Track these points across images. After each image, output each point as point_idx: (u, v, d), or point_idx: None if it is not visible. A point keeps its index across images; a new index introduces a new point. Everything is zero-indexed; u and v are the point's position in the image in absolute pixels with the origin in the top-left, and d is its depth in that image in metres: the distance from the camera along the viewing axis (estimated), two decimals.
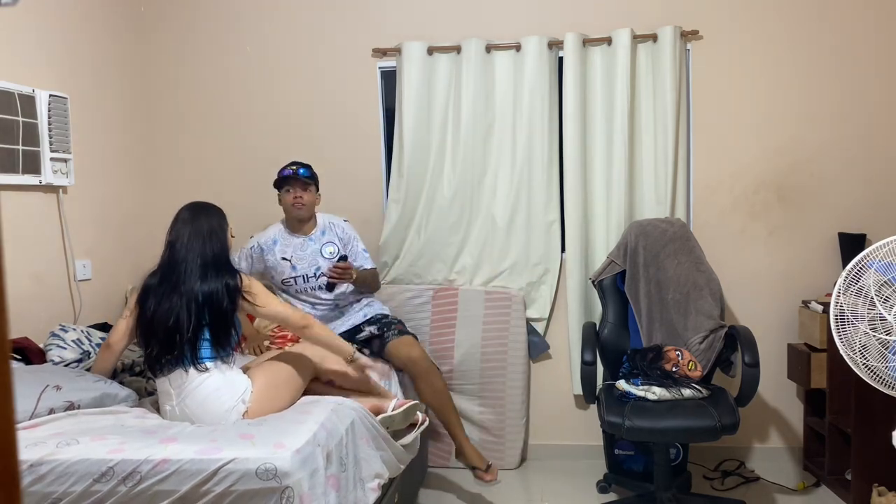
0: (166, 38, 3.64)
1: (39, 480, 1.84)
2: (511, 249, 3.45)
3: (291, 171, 3.00)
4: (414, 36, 3.44)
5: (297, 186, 2.99)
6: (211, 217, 2.41)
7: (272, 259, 3.05)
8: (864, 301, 2.20)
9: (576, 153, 3.36)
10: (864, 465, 2.82)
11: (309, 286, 3.04)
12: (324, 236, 3.08)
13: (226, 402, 2.20)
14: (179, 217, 2.40)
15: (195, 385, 2.22)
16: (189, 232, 2.35)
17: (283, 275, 3.04)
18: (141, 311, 2.33)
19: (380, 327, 3.04)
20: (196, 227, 2.36)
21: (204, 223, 2.37)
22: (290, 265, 3.03)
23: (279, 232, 3.09)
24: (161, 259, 2.37)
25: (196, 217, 2.39)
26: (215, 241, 2.37)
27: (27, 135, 2.71)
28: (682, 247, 3.12)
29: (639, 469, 3.20)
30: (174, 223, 2.40)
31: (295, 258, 3.03)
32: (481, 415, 3.42)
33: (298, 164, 3.05)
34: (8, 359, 0.61)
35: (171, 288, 2.28)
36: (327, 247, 3.05)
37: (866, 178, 3.34)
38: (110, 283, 3.31)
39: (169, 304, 2.26)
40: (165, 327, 2.25)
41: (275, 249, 3.05)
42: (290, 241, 3.06)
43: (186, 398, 2.23)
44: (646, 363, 2.83)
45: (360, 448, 2.26)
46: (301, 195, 2.99)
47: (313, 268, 3.03)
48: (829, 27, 3.32)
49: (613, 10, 3.39)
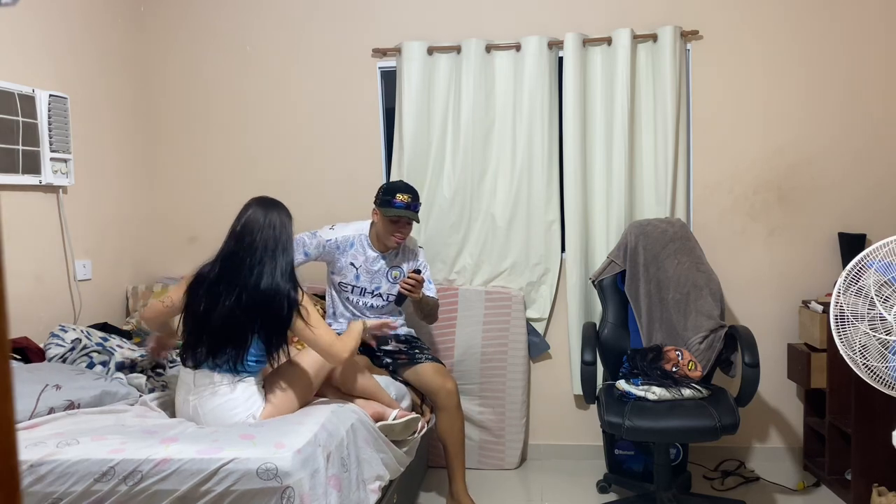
0: (166, 38, 3.64)
1: (39, 480, 1.84)
2: (511, 249, 3.45)
3: (404, 203, 2.83)
4: (414, 36, 3.44)
5: (404, 224, 2.89)
6: (283, 215, 2.32)
7: (342, 260, 2.96)
8: (864, 301, 2.20)
9: (576, 153, 3.36)
10: (864, 465, 2.82)
11: (362, 300, 2.98)
12: (396, 258, 3.00)
13: (237, 416, 2.20)
14: (250, 209, 2.30)
15: (214, 390, 2.21)
16: (260, 227, 2.25)
17: (345, 278, 2.97)
18: (191, 302, 2.25)
19: (409, 347, 3.00)
20: (268, 221, 2.26)
21: (276, 221, 2.28)
22: (355, 274, 2.96)
23: (360, 237, 2.97)
24: (222, 250, 2.28)
25: (268, 213, 2.29)
26: (286, 241, 2.28)
27: (27, 135, 2.71)
28: (682, 247, 3.12)
29: (639, 469, 3.20)
30: (243, 214, 2.30)
31: (362, 269, 2.96)
32: (481, 415, 3.42)
33: (410, 193, 2.88)
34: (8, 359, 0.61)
35: (229, 283, 2.20)
36: (394, 270, 2.98)
37: (866, 178, 3.34)
38: (110, 283, 3.31)
39: (225, 301, 2.18)
40: (219, 325, 2.18)
41: (348, 252, 2.96)
42: (365, 251, 2.96)
43: (201, 398, 2.22)
44: (646, 363, 2.83)
45: (362, 449, 2.26)
46: (404, 233, 2.90)
47: (374, 285, 2.97)
48: (829, 27, 3.32)
49: (613, 10, 3.39)
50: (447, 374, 2.95)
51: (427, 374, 2.90)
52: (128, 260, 3.45)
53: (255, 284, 2.20)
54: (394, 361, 2.97)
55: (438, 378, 2.89)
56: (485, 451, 3.44)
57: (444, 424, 2.89)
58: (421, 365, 2.93)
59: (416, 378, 2.92)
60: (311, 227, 3.03)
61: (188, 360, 2.24)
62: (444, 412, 2.88)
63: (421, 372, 2.91)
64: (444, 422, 2.88)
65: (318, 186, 3.54)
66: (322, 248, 2.95)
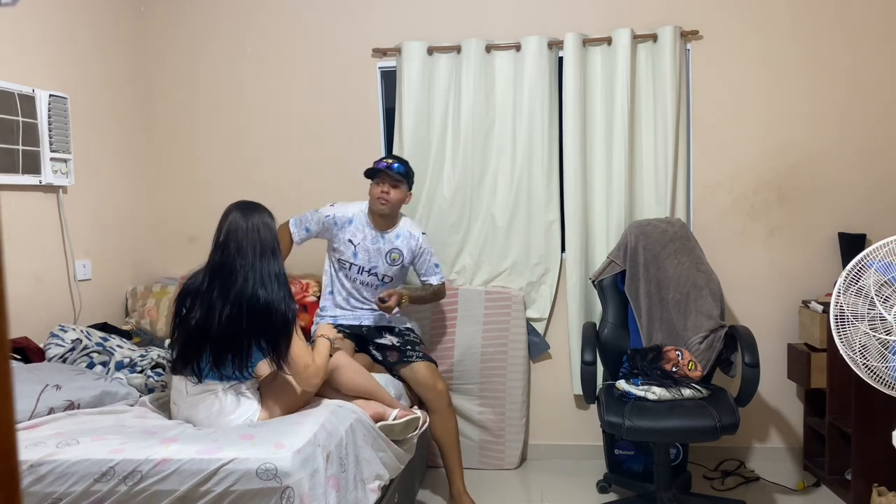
0: (166, 39, 3.64)
1: (39, 480, 1.83)
2: (511, 249, 3.45)
3: (386, 164, 2.91)
4: (414, 36, 3.44)
5: (387, 181, 2.90)
6: (264, 216, 2.28)
7: (340, 236, 2.98)
8: (864, 301, 2.20)
9: (576, 153, 3.36)
10: (864, 465, 2.82)
11: (361, 278, 3.00)
12: (396, 240, 3.00)
13: (233, 421, 2.19)
14: (230, 216, 2.26)
15: (209, 399, 2.20)
16: (244, 231, 2.21)
17: (343, 255, 2.99)
18: (179, 314, 2.21)
19: (402, 343, 2.99)
20: (251, 225, 2.23)
21: (259, 223, 2.24)
22: (354, 251, 2.97)
23: (359, 214, 2.99)
24: (209, 261, 2.24)
25: (249, 217, 2.25)
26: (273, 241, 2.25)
27: (27, 135, 2.71)
28: (682, 247, 3.12)
29: (639, 469, 3.20)
30: (224, 222, 2.25)
31: (361, 247, 2.97)
32: (481, 415, 3.42)
33: (395, 158, 2.96)
34: (8, 359, 0.61)
35: (222, 293, 2.16)
36: (393, 252, 2.99)
37: (866, 178, 3.34)
38: (110, 283, 3.31)
39: (222, 312, 2.14)
40: (219, 336, 2.14)
41: (347, 228, 2.98)
42: (364, 228, 2.98)
43: (196, 405, 2.22)
44: (646, 363, 2.83)
45: (361, 449, 2.26)
46: (388, 190, 2.90)
47: (371, 264, 2.98)
48: (829, 27, 3.32)
49: (613, 10, 3.39)
50: (438, 375, 2.95)
51: (419, 374, 2.90)
52: (128, 260, 3.45)
53: (253, 294, 2.16)
54: (384, 358, 2.97)
55: (430, 378, 2.89)
56: (485, 451, 3.44)
57: (436, 425, 2.89)
58: (413, 363, 2.93)
59: (410, 376, 2.93)
60: None
61: (186, 371, 2.20)
62: (435, 414, 2.87)
63: (413, 370, 2.92)
64: (436, 423, 2.89)
65: (318, 186, 3.54)
66: (321, 223, 3.00)
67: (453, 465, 2.92)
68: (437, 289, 3.11)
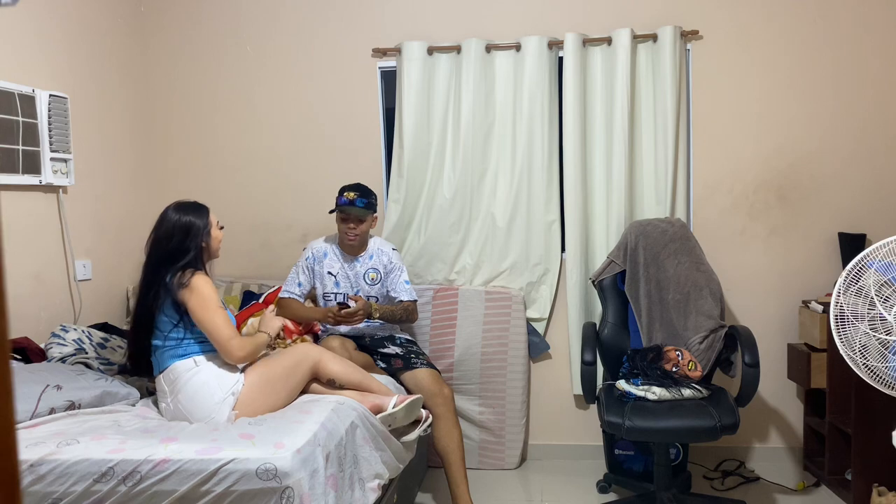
0: (166, 38, 3.64)
1: (39, 480, 1.84)
2: (511, 249, 3.45)
3: (347, 199, 2.88)
4: (414, 36, 3.44)
5: (351, 219, 2.90)
6: (201, 214, 2.44)
7: (319, 270, 3.02)
8: (864, 301, 2.20)
9: (576, 153, 3.36)
10: (864, 465, 2.82)
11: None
12: (370, 260, 3.03)
13: (216, 395, 2.22)
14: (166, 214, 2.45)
15: (186, 379, 2.24)
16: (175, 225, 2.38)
17: (326, 288, 3.02)
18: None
19: (406, 352, 2.99)
20: (183, 220, 2.39)
21: (186, 219, 2.40)
22: (335, 281, 3.00)
23: (331, 246, 3.04)
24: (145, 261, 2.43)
25: (183, 214, 2.42)
26: (179, 234, 2.38)
27: (27, 135, 2.71)
28: (682, 247, 3.12)
29: (639, 469, 3.20)
30: (160, 222, 2.44)
31: (340, 276, 3.00)
32: (481, 415, 3.42)
33: (358, 190, 2.90)
34: (8, 359, 0.61)
35: (146, 285, 2.35)
36: (370, 273, 3.01)
37: (866, 178, 3.34)
38: (110, 283, 3.31)
39: (145, 301, 2.33)
40: (146, 324, 2.32)
41: (324, 262, 3.01)
42: (338, 258, 3.02)
43: (179, 393, 2.24)
44: (646, 363, 2.83)
45: (361, 448, 2.26)
46: (355, 226, 2.91)
47: (355, 289, 3.00)
48: (828, 27, 3.32)
49: (613, 10, 3.39)
50: (443, 381, 2.94)
51: (424, 380, 2.89)
52: (128, 260, 3.44)
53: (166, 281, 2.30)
54: (389, 366, 2.97)
55: (435, 384, 2.87)
56: (485, 451, 3.44)
57: (441, 433, 2.81)
58: (418, 370, 2.92)
59: (413, 383, 2.91)
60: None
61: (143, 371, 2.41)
62: (440, 420, 2.82)
63: (417, 377, 2.91)
64: (441, 430, 2.81)
65: (318, 186, 3.54)
66: (307, 269, 3.03)
67: (458, 477, 2.79)
68: (407, 306, 3.03)
